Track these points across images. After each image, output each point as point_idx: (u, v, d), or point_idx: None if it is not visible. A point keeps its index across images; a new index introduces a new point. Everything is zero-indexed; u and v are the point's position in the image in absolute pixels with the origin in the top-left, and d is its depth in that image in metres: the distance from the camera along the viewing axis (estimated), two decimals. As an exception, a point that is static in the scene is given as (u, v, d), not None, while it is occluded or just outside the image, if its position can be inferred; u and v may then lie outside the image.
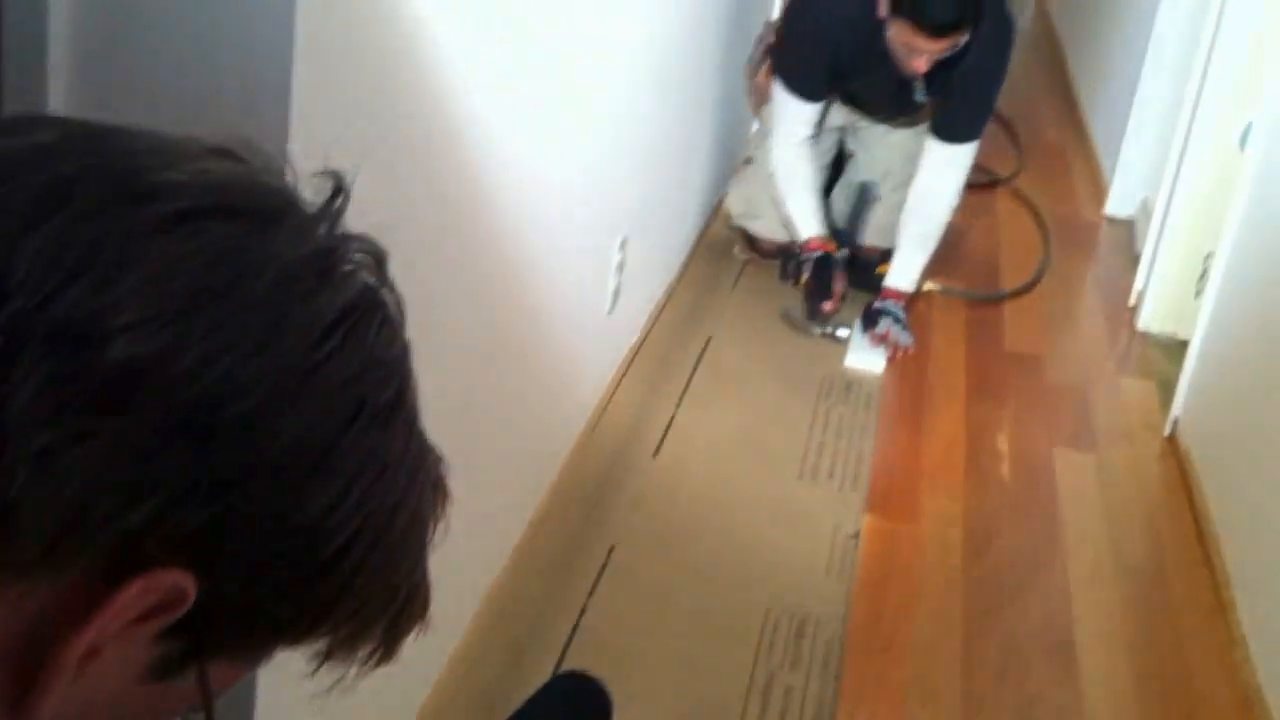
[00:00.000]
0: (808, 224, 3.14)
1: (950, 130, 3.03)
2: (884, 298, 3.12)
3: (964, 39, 2.71)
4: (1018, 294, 3.57)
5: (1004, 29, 2.90)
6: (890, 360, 3.04)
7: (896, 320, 3.07)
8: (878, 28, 2.75)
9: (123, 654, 0.45)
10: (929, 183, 3.08)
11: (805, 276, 3.13)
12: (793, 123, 3.07)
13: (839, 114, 3.26)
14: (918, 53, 2.71)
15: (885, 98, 3.08)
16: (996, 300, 3.52)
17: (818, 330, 3.08)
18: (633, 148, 2.44)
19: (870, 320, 3.09)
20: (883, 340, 3.05)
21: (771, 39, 3.16)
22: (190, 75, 1.00)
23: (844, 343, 3.04)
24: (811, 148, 3.13)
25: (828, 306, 3.08)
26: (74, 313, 0.41)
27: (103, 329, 0.41)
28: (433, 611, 0.57)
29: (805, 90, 3.02)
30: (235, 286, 0.43)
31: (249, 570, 0.45)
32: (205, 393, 0.42)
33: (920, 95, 2.94)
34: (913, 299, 3.21)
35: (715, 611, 2.08)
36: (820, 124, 3.14)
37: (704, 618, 2.06)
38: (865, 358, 3.02)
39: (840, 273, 3.14)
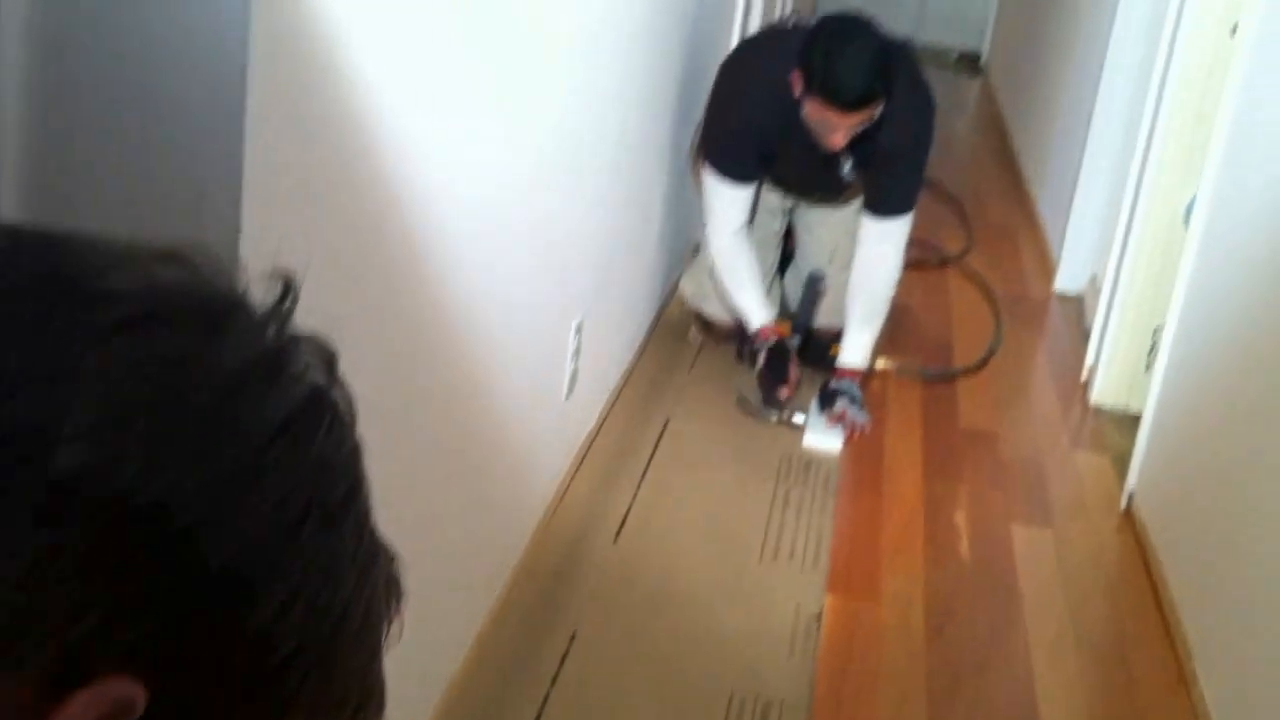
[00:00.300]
0: (756, 314, 3.15)
1: (882, 206, 3.05)
2: (839, 377, 3.14)
3: (878, 110, 2.74)
4: (971, 371, 3.60)
5: (923, 100, 2.94)
6: (848, 440, 3.05)
7: (853, 400, 3.09)
8: (797, 107, 2.79)
9: (71, 766, 0.44)
10: (868, 259, 3.10)
11: (759, 365, 3.14)
12: (727, 208, 3.09)
13: (776, 196, 3.30)
14: (834, 127, 2.74)
15: (813, 177, 3.11)
16: (950, 378, 3.55)
17: (774, 417, 3.08)
18: (586, 233, 2.46)
19: (827, 400, 3.11)
20: (840, 420, 3.06)
21: None
22: (142, 177, 1.00)
23: (800, 428, 3.05)
24: (749, 235, 3.15)
25: (784, 393, 3.08)
26: (17, 423, 0.40)
27: (46, 439, 0.41)
28: (391, 711, 0.56)
29: (735, 173, 3.04)
30: (179, 395, 0.43)
31: (198, 678, 0.44)
32: (150, 503, 0.42)
33: (847, 173, 2.97)
34: (867, 377, 3.24)
35: (680, 696, 2.06)
36: (754, 208, 3.16)
37: (668, 702, 2.04)
38: (823, 438, 3.03)
39: (795, 358, 3.16)
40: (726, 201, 3.08)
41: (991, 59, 9.12)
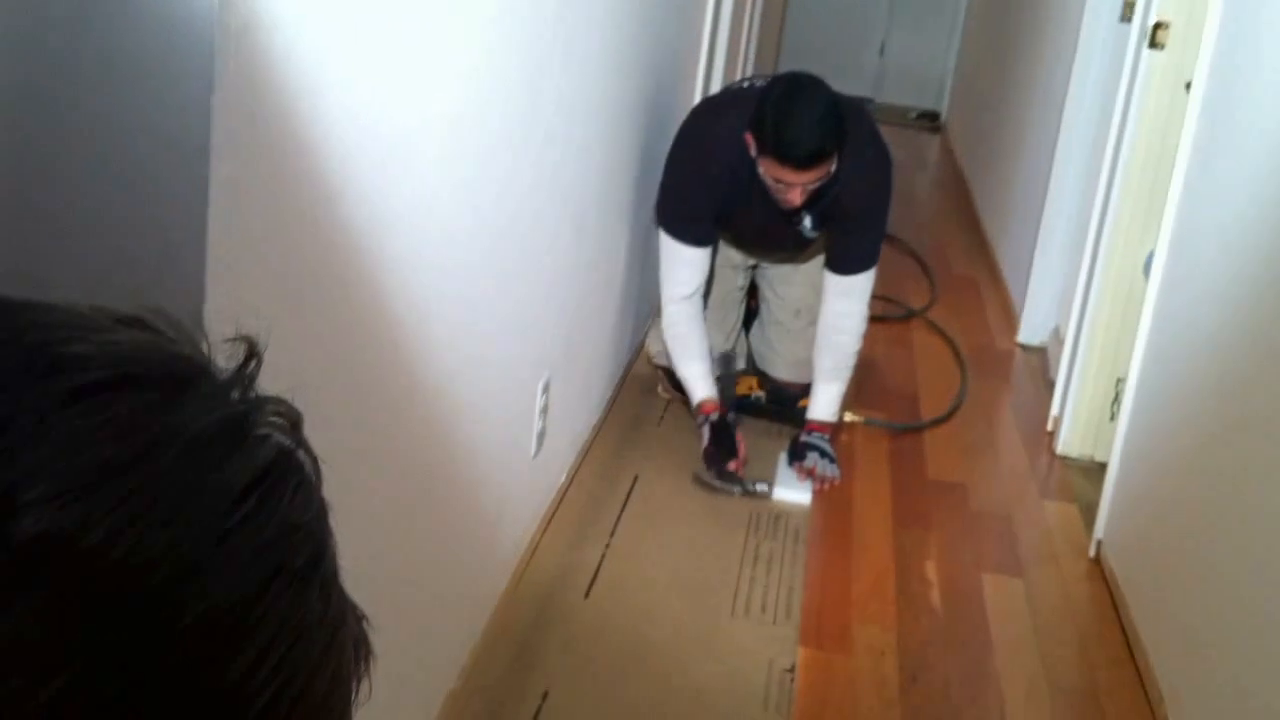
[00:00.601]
0: (700, 388, 3.12)
1: (843, 263, 3.06)
2: (809, 430, 3.15)
3: (833, 166, 2.75)
4: (937, 423, 3.63)
5: (878, 156, 2.95)
6: (817, 492, 3.05)
7: (823, 454, 3.10)
8: (754, 167, 2.81)
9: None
10: (832, 315, 3.11)
11: (705, 442, 3.08)
12: (682, 270, 3.06)
13: (739, 254, 3.32)
14: (789, 186, 2.75)
15: (774, 236, 3.12)
16: (917, 430, 3.57)
17: (736, 490, 3.00)
18: (552, 292, 2.47)
19: (796, 454, 3.12)
20: (809, 475, 3.07)
21: None
22: (106, 242, 1.00)
23: (765, 496, 2.99)
24: (702, 302, 3.14)
25: (733, 466, 3.03)
26: None
27: (11, 505, 0.41)
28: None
29: (690, 236, 3.02)
30: (144, 458, 0.44)
31: (166, 740, 0.44)
32: (116, 566, 0.42)
33: (809, 230, 2.98)
34: (837, 429, 3.25)
35: (652, 755, 2.05)
36: (711, 270, 3.16)
37: (640, 762, 2.03)
38: (793, 491, 3.03)
39: (739, 432, 3.13)
40: (682, 263, 3.05)
41: (951, 116, 9.26)
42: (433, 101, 1.59)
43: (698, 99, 4.01)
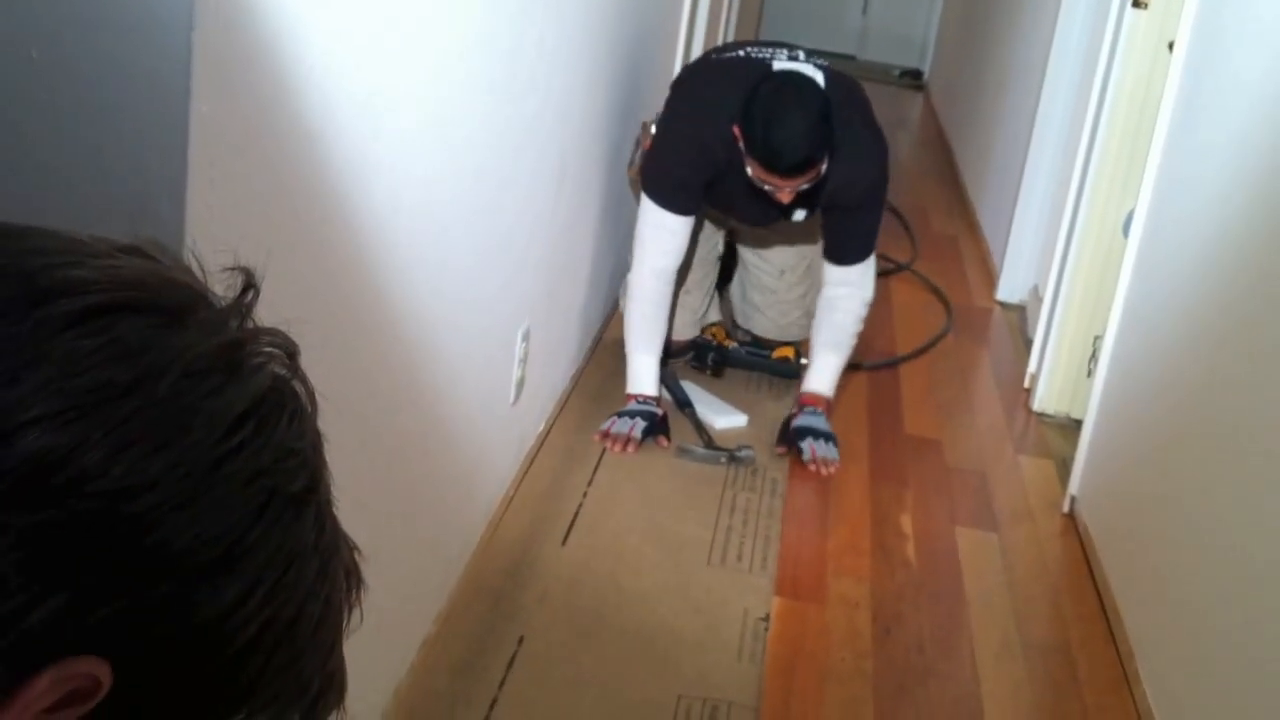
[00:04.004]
0: (645, 381, 3.01)
1: (842, 255, 3.01)
2: (802, 404, 3.06)
3: (822, 169, 2.68)
4: (916, 356, 3.75)
5: (873, 147, 2.87)
6: (819, 477, 2.94)
7: (817, 435, 2.99)
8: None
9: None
10: (830, 298, 3.06)
11: (629, 424, 2.95)
12: (665, 238, 2.94)
13: (719, 215, 3.24)
14: (777, 188, 2.70)
15: (763, 215, 2.99)
16: (892, 365, 3.64)
17: (723, 459, 2.94)
18: (533, 241, 2.46)
19: (790, 440, 3.00)
20: (813, 463, 2.94)
21: (647, 142, 3.05)
22: (82, 183, 0.99)
23: (752, 462, 2.94)
24: (673, 284, 3.05)
25: (662, 442, 2.94)
26: None
27: (9, 424, 0.41)
28: (347, 702, 0.57)
29: (677, 204, 2.91)
30: (141, 382, 0.44)
31: (162, 660, 0.45)
32: (110, 488, 0.42)
33: (800, 219, 2.93)
34: (831, 405, 3.13)
35: (627, 700, 2.07)
36: (694, 238, 3.07)
37: (616, 706, 2.05)
38: (729, 419, 3.11)
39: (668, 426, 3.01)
40: (666, 231, 2.94)
41: (934, 74, 9.23)
42: (415, 43, 1.58)
43: (680, 50, 3.99)
